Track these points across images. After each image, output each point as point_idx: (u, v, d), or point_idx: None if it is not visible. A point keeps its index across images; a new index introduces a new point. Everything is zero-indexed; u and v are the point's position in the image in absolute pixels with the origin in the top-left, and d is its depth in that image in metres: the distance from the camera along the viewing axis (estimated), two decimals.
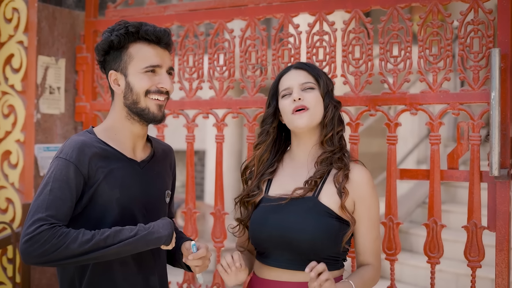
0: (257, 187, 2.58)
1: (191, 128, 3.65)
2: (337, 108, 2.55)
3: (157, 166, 2.56)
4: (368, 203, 2.49)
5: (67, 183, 2.30)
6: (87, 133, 2.46)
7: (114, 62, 2.43)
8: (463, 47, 2.95)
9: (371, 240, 2.51)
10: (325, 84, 2.53)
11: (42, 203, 2.27)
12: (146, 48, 2.42)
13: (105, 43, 2.42)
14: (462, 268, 6.13)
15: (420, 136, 8.66)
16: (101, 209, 2.37)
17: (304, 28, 3.31)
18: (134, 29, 2.41)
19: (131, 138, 2.48)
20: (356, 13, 3.18)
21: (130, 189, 2.42)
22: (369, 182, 2.51)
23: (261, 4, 3.44)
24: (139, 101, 2.41)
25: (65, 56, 3.98)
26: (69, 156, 2.32)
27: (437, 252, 2.99)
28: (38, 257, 2.23)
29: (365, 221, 2.49)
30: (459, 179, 2.98)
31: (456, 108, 2.95)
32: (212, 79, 3.56)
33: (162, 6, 3.78)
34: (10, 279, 3.84)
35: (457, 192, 7.40)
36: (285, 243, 2.41)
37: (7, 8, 3.95)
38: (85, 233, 2.26)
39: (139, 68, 2.41)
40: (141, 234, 2.31)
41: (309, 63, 2.64)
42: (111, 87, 2.47)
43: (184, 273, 3.61)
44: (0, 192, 3.95)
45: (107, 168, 2.37)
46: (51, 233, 2.22)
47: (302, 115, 2.48)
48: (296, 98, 2.47)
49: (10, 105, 3.93)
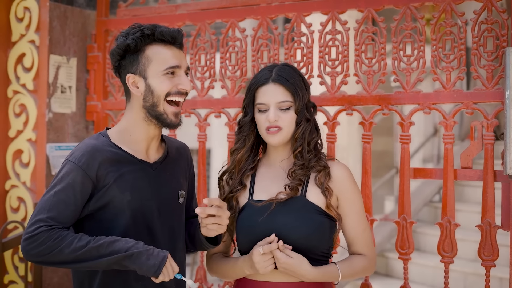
0: (240, 183, 2.60)
1: (203, 127, 3.65)
2: (309, 121, 2.54)
3: (171, 167, 2.56)
4: (351, 197, 2.54)
5: (73, 187, 2.32)
6: (101, 135, 2.46)
7: (131, 65, 2.42)
8: (477, 46, 2.95)
9: (359, 232, 2.56)
10: (301, 100, 2.50)
11: (45, 204, 2.32)
12: (163, 50, 2.42)
13: (121, 47, 2.41)
14: (470, 267, 6.17)
15: (426, 135, 8.66)
16: (112, 212, 2.38)
17: (316, 27, 3.31)
18: (149, 31, 2.40)
19: (146, 139, 2.48)
20: (369, 12, 3.19)
21: (141, 192, 2.42)
22: (349, 177, 2.55)
23: (273, 3, 3.44)
24: (159, 105, 2.41)
25: (76, 55, 3.98)
26: (78, 160, 2.35)
27: (451, 252, 2.99)
28: (35, 256, 2.29)
29: (351, 214, 2.54)
30: (473, 178, 2.98)
31: (470, 107, 2.95)
32: (224, 78, 3.56)
33: (173, 5, 3.78)
34: (22, 278, 3.84)
35: (464, 190, 7.41)
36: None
37: (19, 8, 3.95)
38: (82, 238, 2.28)
39: (159, 71, 2.40)
40: (132, 251, 2.28)
41: (288, 73, 2.54)
42: (129, 90, 2.46)
43: (196, 272, 3.60)
44: (12, 191, 3.96)
45: (118, 172, 2.38)
46: (48, 235, 2.26)
47: (276, 135, 2.50)
48: (271, 120, 2.48)
49: (22, 104, 3.94)
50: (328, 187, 2.48)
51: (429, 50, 3.05)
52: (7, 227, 3.79)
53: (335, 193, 2.51)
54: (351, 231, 2.56)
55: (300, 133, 2.51)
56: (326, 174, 2.50)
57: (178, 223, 2.56)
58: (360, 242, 2.57)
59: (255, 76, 2.59)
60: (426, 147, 8.75)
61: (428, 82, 7.23)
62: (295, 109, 2.50)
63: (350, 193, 2.54)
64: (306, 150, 2.52)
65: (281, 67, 2.56)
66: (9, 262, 3.90)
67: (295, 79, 2.53)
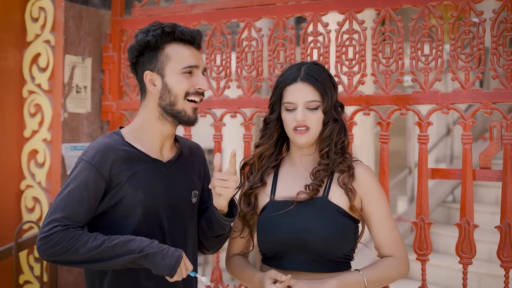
0: (260, 179, 2.58)
1: (218, 127, 3.65)
2: (337, 121, 2.50)
3: (184, 166, 2.55)
4: (375, 197, 2.50)
5: (87, 186, 2.33)
6: (114, 134, 2.46)
7: (150, 62, 2.42)
8: (496, 45, 2.92)
9: (387, 232, 2.51)
10: (329, 100, 2.47)
11: (59, 203, 2.33)
12: (183, 49, 2.42)
13: (141, 44, 2.41)
14: (485, 268, 6.13)
15: (439, 135, 8.63)
16: (125, 210, 2.38)
17: (333, 26, 3.29)
18: (170, 29, 2.40)
19: (160, 138, 2.47)
20: (386, 11, 3.17)
21: (154, 190, 2.41)
22: (373, 178, 2.52)
23: (289, 2, 3.42)
24: (177, 103, 2.41)
25: (91, 55, 3.98)
26: (91, 159, 2.35)
27: (469, 253, 2.97)
28: (50, 256, 2.30)
29: (376, 215, 2.49)
30: (492, 178, 2.95)
31: (489, 107, 2.93)
32: (240, 78, 3.55)
33: (189, 5, 3.77)
34: (37, 278, 3.85)
35: (477, 191, 7.37)
36: (300, 245, 2.41)
37: (34, 8, 3.96)
38: (96, 238, 2.29)
39: (177, 69, 2.40)
40: (147, 251, 2.28)
41: (317, 72, 2.50)
42: (145, 87, 2.46)
43: (212, 272, 3.60)
44: (27, 191, 3.97)
45: (131, 170, 2.38)
46: (63, 235, 2.27)
47: (303, 135, 2.46)
48: (299, 120, 2.45)
49: (37, 104, 3.94)
50: (351, 188, 2.45)
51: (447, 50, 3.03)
52: (22, 227, 3.79)
53: (359, 195, 2.47)
54: (377, 232, 2.51)
55: (327, 133, 2.48)
56: (350, 175, 2.47)
57: (190, 222, 2.55)
58: (388, 243, 2.51)
59: (282, 73, 2.55)
60: (439, 147, 8.72)
61: (443, 82, 7.21)
62: (323, 109, 2.47)
63: (374, 194, 2.50)
64: (333, 150, 2.49)
65: (310, 65, 2.52)
66: (25, 262, 3.90)
67: (324, 78, 2.49)
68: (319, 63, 2.60)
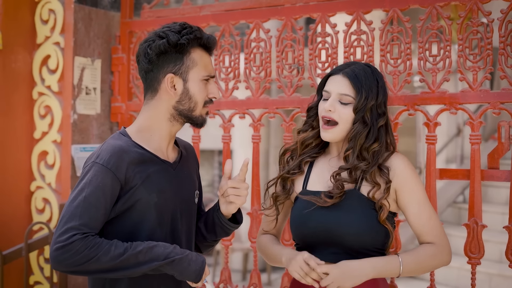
0: (298, 166, 2.56)
1: (227, 128, 3.66)
2: (366, 125, 2.42)
3: (186, 166, 2.54)
4: (410, 186, 2.43)
5: (103, 190, 2.26)
6: (122, 135, 2.40)
7: (174, 64, 2.37)
8: (504, 46, 2.92)
9: (425, 220, 2.44)
10: (363, 99, 2.42)
11: (76, 210, 2.23)
12: (206, 57, 2.42)
13: (172, 43, 2.35)
14: (495, 268, 6.11)
15: (449, 135, 8.62)
16: (139, 213, 2.33)
17: (341, 27, 3.30)
18: (200, 35, 2.38)
19: (167, 138, 2.45)
20: (394, 12, 3.17)
21: (166, 192, 2.39)
22: (407, 167, 2.45)
23: (297, 3, 3.43)
24: (196, 109, 2.40)
25: (101, 57, 4.00)
26: (107, 162, 2.28)
27: (478, 253, 2.96)
28: (69, 266, 2.20)
29: (412, 204, 2.43)
30: (500, 179, 2.95)
31: (497, 107, 2.92)
32: (249, 79, 3.56)
33: (198, 6, 3.78)
34: (47, 279, 3.87)
35: (487, 191, 7.36)
36: (330, 238, 2.40)
37: (44, 10, 3.98)
38: (118, 245, 2.23)
39: (200, 76, 2.39)
40: (173, 257, 2.26)
41: (361, 70, 2.47)
42: (158, 88, 2.40)
43: (221, 273, 3.61)
44: (37, 192, 3.99)
45: (145, 173, 2.33)
46: (84, 243, 2.18)
47: (329, 131, 2.45)
48: (327, 108, 2.44)
49: (47, 106, 3.97)
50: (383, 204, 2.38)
51: (455, 50, 3.03)
52: (32, 228, 3.81)
53: (393, 186, 2.42)
54: (415, 221, 2.45)
55: (352, 133, 2.43)
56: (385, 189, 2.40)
57: (193, 223, 2.55)
58: (426, 231, 2.45)
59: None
60: (449, 148, 8.71)
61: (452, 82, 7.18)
62: (354, 107, 2.42)
63: (409, 183, 2.43)
64: (355, 155, 2.43)
65: (360, 64, 2.50)
66: (35, 263, 3.93)
67: (366, 78, 2.44)
68: (372, 66, 2.55)
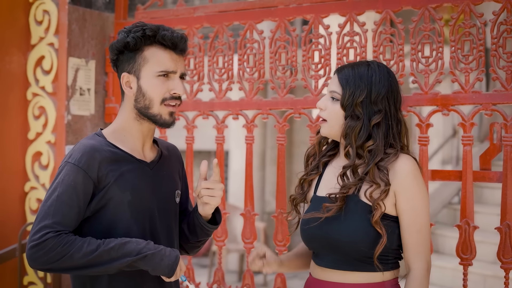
0: (317, 167, 2.53)
1: (220, 129, 3.66)
2: (358, 119, 2.35)
3: (166, 166, 2.54)
4: (410, 193, 2.31)
5: (75, 189, 2.27)
6: (96, 136, 2.42)
7: (128, 63, 2.39)
8: (496, 47, 2.93)
9: (412, 232, 2.32)
10: (349, 94, 2.36)
11: (48, 209, 2.25)
12: (162, 53, 2.39)
13: (120, 44, 2.38)
14: (490, 269, 6.13)
15: (445, 137, 8.63)
16: (113, 212, 2.34)
17: (334, 29, 3.30)
18: (151, 33, 2.37)
19: (141, 138, 2.45)
20: (387, 14, 3.18)
21: (141, 191, 2.39)
22: (410, 172, 2.32)
23: (291, 5, 3.44)
24: (152, 107, 2.38)
25: (95, 58, 4.00)
26: (78, 161, 2.29)
27: (469, 254, 2.97)
28: (43, 264, 2.22)
29: (406, 212, 2.31)
30: (492, 180, 2.96)
31: (489, 108, 2.93)
32: (242, 80, 3.56)
33: (191, 7, 3.79)
34: (41, 279, 3.87)
35: (483, 192, 7.37)
36: (328, 243, 2.37)
37: (38, 11, 3.98)
38: (91, 242, 2.24)
39: (153, 72, 2.37)
40: (145, 253, 2.27)
41: (354, 67, 2.41)
42: (122, 89, 2.43)
43: (214, 274, 3.61)
44: (31, 193, 3.99)
45: (118, 171, 2.34)
46: (57, 241, 2.20)
47: (322, 125, 2.44)
48: (318, 107, 2.45)
49: (41, 107, 3.97)
50: (379, 204, 2.29)
51: (448, 52, 3.04)
52: (26, 229, 3.81)
53: (394, 188, 2.31)
54: (404, 230, 2.33)
55: (345, 130, 2.37)
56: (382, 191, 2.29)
57: (175, 222, 2.54)
58: (411, 246, 2.33)
59: None
60: (445, 149, 8.72)
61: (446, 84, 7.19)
62: (341, 102, 2.38)
63: (410, 189, 2.31)
64: (354, 152, 2.36)
65: (360, 62, 2.45)
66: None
67: (356, 74, 2.38)
68: (377, 62, 2.45)
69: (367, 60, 2.47)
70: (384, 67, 2.42)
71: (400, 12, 3.19)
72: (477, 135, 8.17)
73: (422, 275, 2.32)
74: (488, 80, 7.90)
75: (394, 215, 2.34)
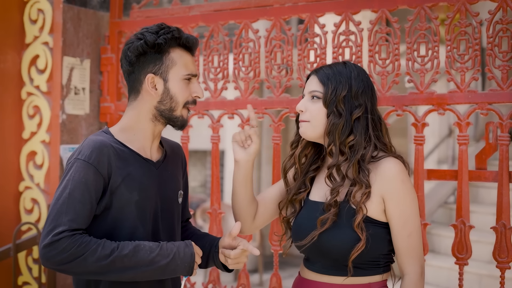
0: (304, 183, 2.50)
1: (216, 128, 3.65)
2: (341, 116, 2.33)
3: (170, 166, 2.54)
4: (398, 197, 2.28)
5: (86, 185, 2.23)
6: (104, 133, 2.40)
7: (154, 64, 2.38)
8: (492, 47, 2.93)
9: (403, 236, 2.29)
10: (332, 91, 2.34)
11: (61, 207, 2.21)
12: (186, 56, 2.42)
13: (150, 44, 2.36)
14: (485, 269, 6.13)
15: (441, 136, 8.63)
16: (119, 211, 2.32)
17: (330, 28, 3.30)
18: (178, 35, 2.39)
19: (151, 138, 2.45)
20: (382, 13, 3.17)
21: (147, 191, 2.38)
22: (397, 177, 2.28)
23: (286, 4, 3.43)
24: (176, 109, 2.40)
25: (90, 57, 3.99)
26: (88, 157, 2.26)
27: (465, 253, 2.97)
28: (56, 264, 2.18)
29: (396, 217, 2.28)
30: (488, 179, 2.96)
31: (484, 108, 2.93)
32: (237, 79, 3.56)
33: (187, 6, 3.78)
34: (35, 279, 3.86)
35: (479, 192, 7.37)
36: (317, 249, 2.35)
37: (32, 9, 3.97)
38: (105, 246, 2.20)
39: (180, 75, 2.39)
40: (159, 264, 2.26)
41: (332, 66, 2.41)
42: (140, 88, 2.40)
43: (210, 273, 3.60)
44: (26, 192, 3.98)
45: (125, 170, 2.33)
46: (71, 241, 2.16)
47: (303, 125, 2.41)
48: (297, 110, 2.42)
49: (36, 106, 3.96)
50: (361, 208, 2.26)
51: (444, 51, 3.04)
52: (21, 229, 3.81)
53: (381, 193, 2.28)
54: (394, 235, 2.31)
55: (328, 128, 2.35)
56: (363, 193, 2.27)
57: (177, 222, 2.54)
58: (402, 251, 2.31)
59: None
60: (441, 148, 8.72)
61: (442, 83, 7.20)
62: (323, 100, 2.36)
63: (399, 193, 2.28)
64: (337, 149, 2.33)
65: (335, 62, 2.45)
66: (23, 264, 3.91)
67: (335, 71, 2.38)
68: (348, 62, 2.46)
69: (342, 61, 2.49)
70: (359, 66, 2.45)
71: (395, 11, 3.18)
72: (473, 135, 8.18)
73: (417, 279, 2.31)
74: (484, 80, 7.90)
75: (384, 221, 2.32)
